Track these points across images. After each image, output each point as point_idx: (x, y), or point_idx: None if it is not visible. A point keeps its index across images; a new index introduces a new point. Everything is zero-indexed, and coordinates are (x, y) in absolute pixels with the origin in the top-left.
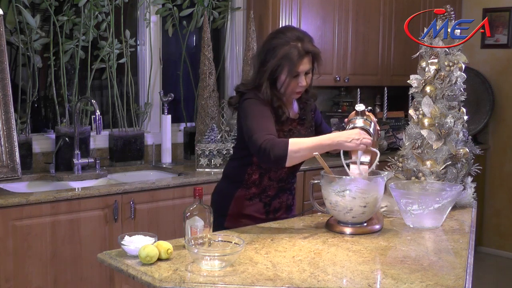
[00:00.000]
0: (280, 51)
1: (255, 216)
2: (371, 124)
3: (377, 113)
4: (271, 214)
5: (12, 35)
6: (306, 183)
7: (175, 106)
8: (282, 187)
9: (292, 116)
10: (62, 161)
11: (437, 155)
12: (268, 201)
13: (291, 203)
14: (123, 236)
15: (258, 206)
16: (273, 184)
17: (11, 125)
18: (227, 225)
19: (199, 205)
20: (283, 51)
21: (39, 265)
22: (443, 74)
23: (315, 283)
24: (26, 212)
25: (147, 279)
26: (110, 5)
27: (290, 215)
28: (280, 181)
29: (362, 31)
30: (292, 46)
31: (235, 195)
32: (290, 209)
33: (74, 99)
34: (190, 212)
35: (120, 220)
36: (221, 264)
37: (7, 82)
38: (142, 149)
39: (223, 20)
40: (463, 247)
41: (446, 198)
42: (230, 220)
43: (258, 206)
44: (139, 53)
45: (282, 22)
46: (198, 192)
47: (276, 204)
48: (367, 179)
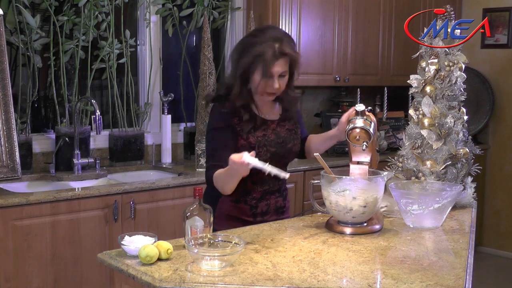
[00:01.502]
0: (255, 49)
1: (242, 218)
2: (371, 124)
3: (377, 113)
4: (258, 216)
5: (12, 35)
6: (306, 183)
7: (175, 106)
8: (267, 190)
9: (270, 118)
10: (62, 161)
11: (437, 155)
12: (254, 204)
13: (281, 205)
14: (123, 236)
15: (244, 208)
16: (257, 188)
17: (11, 125)
18: (214, 227)
19: (199, 205)
20: (257, 50)
21: (39, 265)
22: (443, 74)
23: (315, 283)
24: (26, 212)
25: (147, 279)
26: (110, 5)
27: (283, 217)
28: (264, 184)
29: (362, 31)
30: (267, 46)
31: (220, 198)
32: (281, 212)
33: (74, 99)
34: (190, 212)
35: (120, 220)
36: (221, 264)
37: (7, 82)
38: (142, 149)
39: (223, 20)
40: (463, 247)
41: (446, 198)
42: (217, 223)
43: (244, 208)
44: (139, 53)
45: (282, 22)
46: (198, 192)
47: (263, 207)
48: (367, 179)
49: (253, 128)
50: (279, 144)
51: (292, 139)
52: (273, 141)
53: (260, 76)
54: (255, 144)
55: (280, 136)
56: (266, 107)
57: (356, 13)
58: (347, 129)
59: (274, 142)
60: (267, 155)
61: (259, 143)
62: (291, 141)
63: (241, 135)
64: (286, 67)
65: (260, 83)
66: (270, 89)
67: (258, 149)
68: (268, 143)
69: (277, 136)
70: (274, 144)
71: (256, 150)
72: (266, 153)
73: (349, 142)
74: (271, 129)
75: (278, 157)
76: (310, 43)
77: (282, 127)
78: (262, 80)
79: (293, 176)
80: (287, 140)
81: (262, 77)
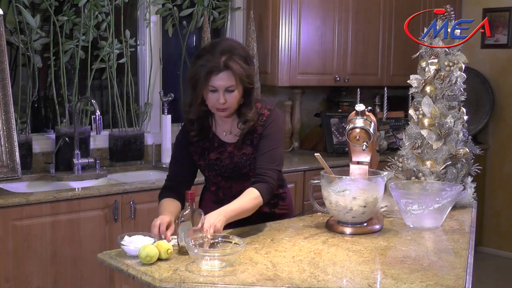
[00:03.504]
0: (200, 61)
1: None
2: (371, 124)
3: (377, 113)
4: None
5: (12, 35)
6: (306, 183)
7: (175, 106)
8: None
9: (229, 140)
10: (62, 161)
11: (437, 155)
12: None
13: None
14: (123, 236)
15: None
16: (228, 199)
17: (11, 125)
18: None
19: (192, 210)
20: (201, 62)
21: (39, 265)
22: (443, 74)
23: (315, 283)
24: (26, 212)
25: (147, 279)
26: (110, 5)
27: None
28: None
29: (362, 31)
30: (213, 58)
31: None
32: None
33: (74, 99)
34: (184, 217)
35: (120, 220)
36: (221, 264)
37: (7, 82)
38: (142, 149)
39: (223, 20)
40: (463, 247)
41: (446, 198)
42: None
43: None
44: (139, 53)
45: (282, 22)
46: (190, 197)
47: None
48: (367, 179)
49: (207, 150)
50: (231, 169)
51: (248, 165)
52: (225, 166)
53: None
54: (205, 168)
55: (233, 161)
56: (226, 127)
57: (356, 13)
58: (347, 129)
59: (226, 167)
60: (217, 179)
61: (209, 167)
62: (246, 167)
63: (194, 155)
64: (233, 81)
65: (208, 97)
66: (218, 105)
67: (208, 173)
68: (218, 167)
69: (231, 160)
70: (225, 169)
71: (206, 174)
72: (216, 177)
73: (349, 142)
74: (228, 153)
75: (230, 181)
76: (310, 43)
77: (238, 151)
78: (208, 94)
79: (293, 176)
80: (241, 165)
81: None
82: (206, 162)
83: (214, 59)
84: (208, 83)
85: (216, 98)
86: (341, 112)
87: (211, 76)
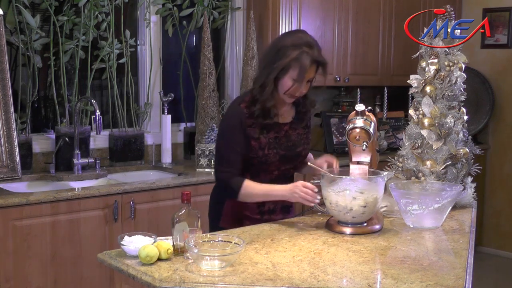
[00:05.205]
0: (293, 53)
1: (250, 216)
2: (371, 124)
3: (377, 113)
4: (265, 215)
5: (12, 35)
6: None
7: (175, 106)
8: None
9: (283, 121)
10: (62, 161)
11: (437, 155)
12: (262, 202)
13: (288, 204)
14: (123, 236)
15: (252, 206)
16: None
17: (11, 125)
18: (222, 225)
19: (187, 210)
20: (295, 54)
21: (39, 265)
22: (443, 74)
23: (315, 283)
24: (26, 212)
25: (147, 279)
26: (110, 5)
27: (289, 216)
28: (272, 182)
29: (362, 31)
30: (304, 51)
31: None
32: (287, 211)
33: (74, 99)
34: (179, 217)
35: (120, 220)
36: (221, 264)
37: (7, 82)
38: (142, 149)
39: (223, 20)
40: (463, 247)
41: (446, 198)
42: (225, 220)
43: (252, 206)
44: (139, 53)
45: (282, 22)
46: (186, 197)
47: (270, 205)
48: (367, 179)
49: (265, 129)
50: (289, 147)
51: (302, 144)
52: (283, 144)
53: (292, 79)
54: (266, 146)
55: (291, 140)
56: (282, 109)
57: (356, 13)
58: (347, 129)
59: (284, 145)
60: (276, 158)
61: (269, 145)
62: (301, 145)
63: (253, 135)
64: (315, 73)
65: (292, 86)
66: (298, 93)
67: (268, 151)
68: (278, 145)
69: (288, 139)
70: (284, 147)
71: (266, 152)
72: (275, 155)
73: (349, 142)
74: (284, 131)
75: (286, 160)
76: None
77: (293, 131)
78: (293, 83)
79: None
80: (297, 144)
81: (295, 81)
82: (267, 140)
83: (303, 53)
84: (305, 75)
85: (298, 88)
86: (341, 112)
87: (307, 69)
